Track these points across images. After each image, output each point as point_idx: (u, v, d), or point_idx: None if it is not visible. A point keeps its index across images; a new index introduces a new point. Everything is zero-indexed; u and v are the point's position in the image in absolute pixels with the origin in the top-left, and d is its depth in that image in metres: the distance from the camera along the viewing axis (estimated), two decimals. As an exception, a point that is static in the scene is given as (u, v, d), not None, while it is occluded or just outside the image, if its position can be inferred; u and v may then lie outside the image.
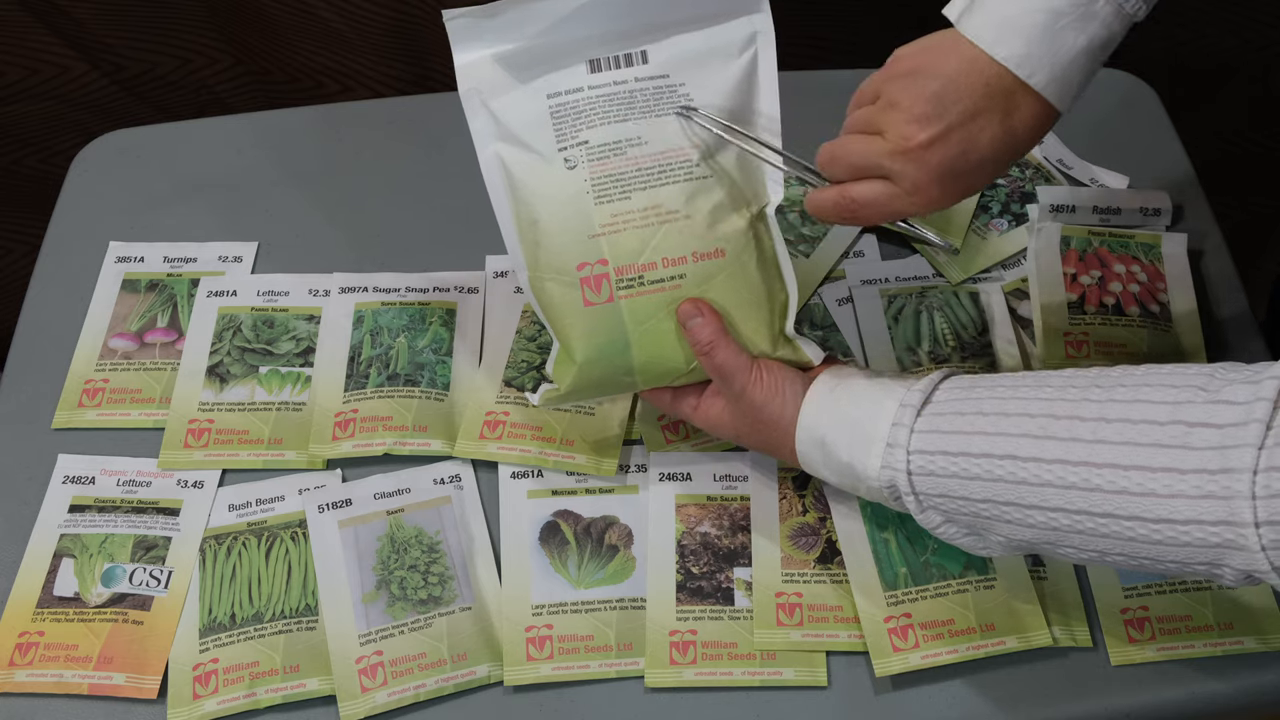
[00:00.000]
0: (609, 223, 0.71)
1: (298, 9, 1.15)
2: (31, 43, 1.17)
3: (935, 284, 0.89)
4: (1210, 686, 0.72)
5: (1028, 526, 0.60)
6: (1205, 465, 0.53)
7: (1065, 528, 0.59)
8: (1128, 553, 0.57)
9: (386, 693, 0.71)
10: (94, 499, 0.80)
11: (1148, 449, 0.55)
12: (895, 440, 0.64)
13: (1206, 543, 0.54)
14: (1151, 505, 0.55)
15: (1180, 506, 0.54)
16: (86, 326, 0.88)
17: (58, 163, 1.05)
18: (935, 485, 0.63)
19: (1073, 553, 0.60)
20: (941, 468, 0.62)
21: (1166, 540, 0.55)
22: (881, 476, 0.65)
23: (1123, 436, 0.56)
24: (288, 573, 0.77)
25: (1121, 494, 0.56)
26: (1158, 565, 0.57)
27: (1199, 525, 0.54)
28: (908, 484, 0.64)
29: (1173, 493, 0.54)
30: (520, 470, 0.80)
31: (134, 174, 0.98)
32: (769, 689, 0.72)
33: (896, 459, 0.64)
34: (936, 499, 0.64)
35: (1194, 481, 0.53)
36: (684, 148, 0.71)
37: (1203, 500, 0.53)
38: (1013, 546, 0.64)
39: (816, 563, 0.76)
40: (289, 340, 0.87)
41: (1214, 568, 0.55)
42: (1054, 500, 0.58)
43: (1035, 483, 0.59)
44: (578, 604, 0.75)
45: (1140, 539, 0.56)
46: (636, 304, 0.71)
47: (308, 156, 0.99)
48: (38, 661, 0.73)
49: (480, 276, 0.90)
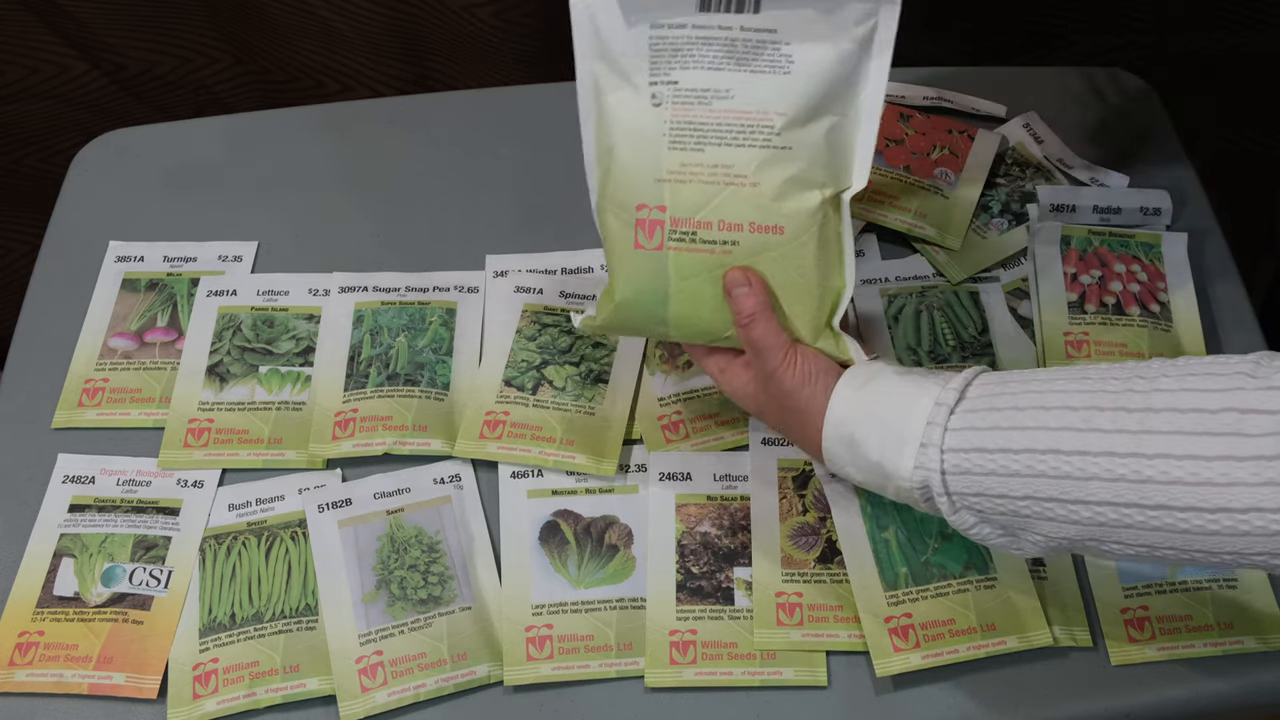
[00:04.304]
0: (676, 171, 0.69)
1: (297, 8, 1.15)
2: (31, 42, 1.17)
3: (935, 284, 0.89)
4: (1210, 686, 0.72)
5: (1071, 523, 0.59)
6: (1262, 451, 0.52)
7: (1112, 522, 0.57)
8: (1180, 546, 0.56)
9: (386, 693, 0.71)
10: (94, 499, 0.80)
11: (1200, 438, 0.54)
12: (929, 440, 0.62)
13: (1267, 530, 0.53)
14: (1208, 494, 0.54)
15: (1239, 494, 0.53)
16: (86, 326, 0.88)
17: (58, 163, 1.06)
18: (971, 484, 0.61)
19: (1118, 548, 0.59)
20: (978, 465, 0.61)
21: (1224, 530, 0.54)
22: (915, 477, 0.63)
23: (1172, 426, 0.55)
24: (288, 572, 0.77)
25: (1176, 484, 0.54)
26: (1212, 558, 0.56)
27: (1259, 513, 0.53)
28: (941, 485, 0.62)
29: (1230, 480, 0.53)
30: (520, 470, 0.80)
31: (134, 174, 0.98)
32: (769, 689, 0.72)
33: (930, 459, 0.62)
34: (972, 499, 0.62)
35: (1252, 468, 0.52)
36: (770, 113, 0.68)
37: (1262, 487, 0.52)
38: (1052, 546, 0.62)
39: (817, 562, 0.76)
40: (289, 340, 0.87)
41: (1274, 557, 0.54)
42: (1101, 494, 0.57)
43: (1080, 476, 0.57)
44: (578, 604, 0.75)
45: (1195, 530, 0.55)
46: (683, 259, 0.70)
47: (307, 156, 0.99)
48: (38, 661, 0.73)
49: (480, 276, 0.90)
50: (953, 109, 1.00)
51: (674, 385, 0.84)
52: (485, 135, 0.99)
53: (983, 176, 0.95)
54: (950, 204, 0.93)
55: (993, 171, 0.96)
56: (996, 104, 1.01)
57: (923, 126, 0.98)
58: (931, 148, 0.96)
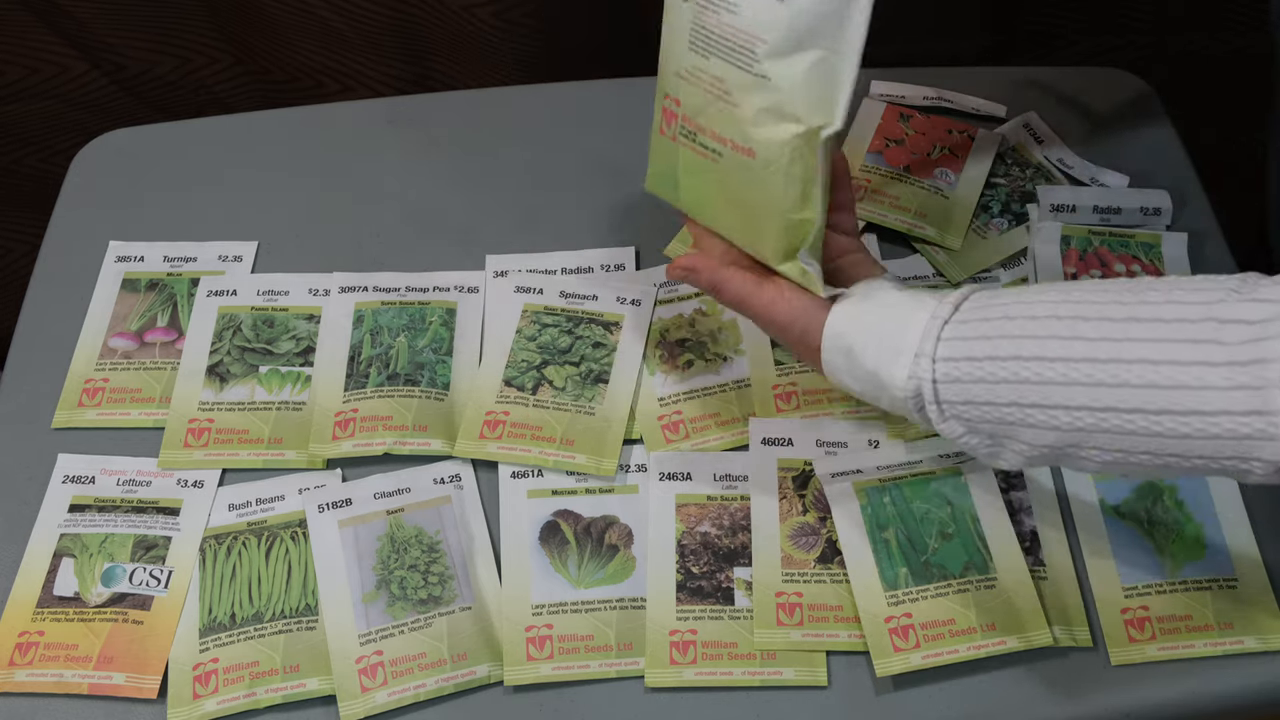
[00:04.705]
0: (689, 70, 0.70)
1: (298, 8, 1.15)
2: (31, 42, 1.17)
3: (936, 284, 0.89)
4: (1210, 686, 0.72)
5: (1051, 429, 0.60)
6: (1237, 358, 0.53)
7: (1090, 427, 0.59)
8: (1154, 450, 0.57)
9: (386, 693, 0.71)
10: (94, 499, 0.80)
11: (1179, 344, 0.55)
12: (923, 350, 0.64)
13: (1236, 434, 0.54)
14: (1181, 397, 0.55)
15: (1211, 398, 0.54)
16: (86, 326, 0.88)
17: (58, 162, 1.05)
18: (960, 393, 0.63)
19: (1096, 454, 0.60)
20: (967, 373, 0.62)
21: (1195, 433, 0.55)
22: (908, 387, 0.64)
23: (1154, 334, 0.56)
24: (288, 572, 0.77)
25: (1150, 388, 0.56)
26: (1184, 463, 0.57)
27: (1229, 416, 0.54)
28: (932, 393, 0.64)
29: (1203, 384, 0.54)
30: (520, 470, 0.80)
31: (134, 174, 0.98)
32: (769, 689, 0.72)
33: (923, 368, 0.64)
34: (961, 406, 0.63)
35: (1225, 373, 0.54)
36: (757, 38, 0.67)
37: (1234, 391, 0.53)
38: (1033, 456, 0.63)
39: (817, 562, 0.76)
40: (289, 340, 0.87)
41: (1242, 461, 0.55)
42: (1080, 399, 0.58)
43: (1062, 382, 0.59)
44: (578, 604, 0.75)
45: (1168, 433, 0.56)
46: (688, 156, 0.72)
47: (308, 156, 0.99)
48: (38, 661, 0.73)
49: (480, 276, 0.90)
50: (953, 109, 1.00)
51: (674, 385, 0.84)
52: (485, 135, 0.99)
53: (983, 177, 0.95)
54: (950, 204, 0.93)
55: (993, 171, 0.96)
56: (996, 104, 1.01)
57: (923, 126, 0.98)
58: (931, 148, 0.96)
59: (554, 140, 0.98)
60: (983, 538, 0.76)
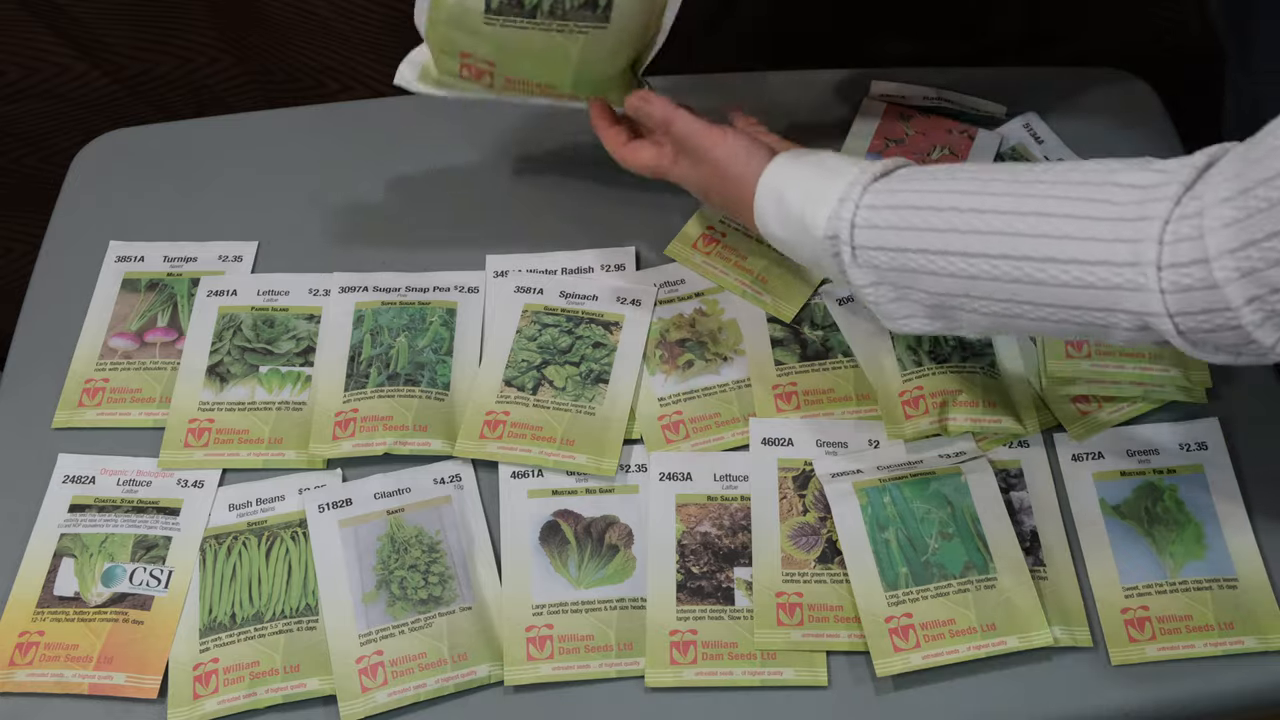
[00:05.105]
0: None
1: (298, 8, 1.15)
2: (31, 42, 1.17)
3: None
4: (1210, 686, 0.72)
5: (948, 276, 0.64)
6: (1124, 215, 0.57)
7: (983, 274, 0.62)
8: (1033, 299, 0.61)
9: (387, 692, 0.71)
10: (94, 499, 0.80)
11: (1075, 201, 0.60)
12: (848, 196, 0.68)
13: (1109, 283, 0.58)
14: (1066, 246, 0.59)
15: (1093, 248, 0.58)
16: (86, 326, 0.88)
17: (58, 163, 1.05)
18: (874, 238, 0.67)
19: (984, 304, 0.64)
20: (885, 220, 0.66)
21: (1074, 281, 0.59)
22: (828, 228, 0.68)
23: (1053, 193, 0.61)
24: (288, 572, 0.77)
25: (1041, 237, 0.60)
26: (1058, 314, 0.61)
27: (1106, 265, 0.58)
28: (849, 236, 0.67)
29: (1089, 235, 0.58)
30: (520, 470, 0.80)
31: (134, 174, 0.98)
32: (769, 689, 0.72)
33: (845, 211, 0.68)
34: (872, 252, 0.67)
35: (1110, 227, 0.58)
36: None
37: (1115, 243, 0.57)
38: (930, 305, 0.67)
39: (817, 562, 0.76)
40: (289, 340, 0.87)
41: (1110, 313, 0.59)
42: (977, 246, 0.62)
43: (964, 229, 0.63)
44: (578, 604, 0.75)
45: (1049, 281, 0.60)
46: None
47: (308, 156, 0.99)
48: (38, 661, 0.73)
49: (480, 276, 0.90)
50: (953, 109, 1.00)
51: (674, 385, 0.84)
52: (485, 135, 0.99)
53: (983, 176, 0.95)
54: (950, 204, 0.93)
55: (993, 171, 0.95)
56: (996, 104, 1.01)
57: (923, 126, 0.98)
58: (932, 148, 0.96)
59: (554, 140, 0.98)
60: (983, 538, 0.76)
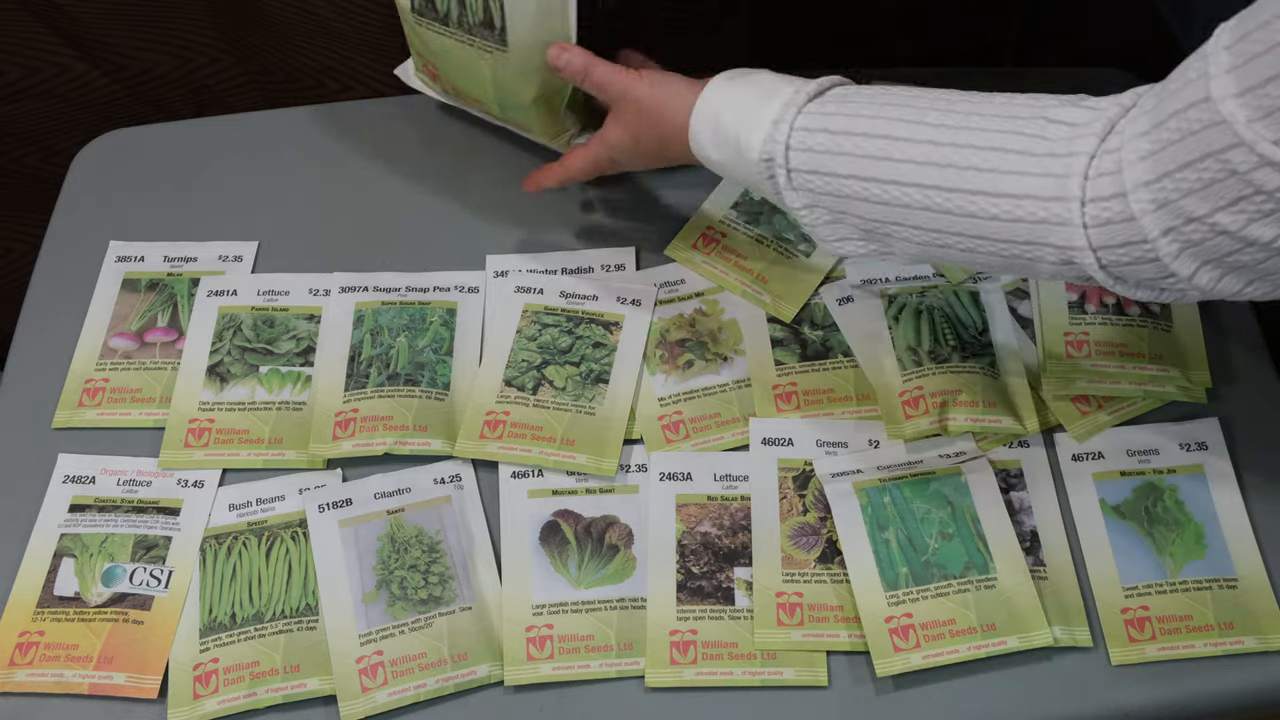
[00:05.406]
0: None
1: (298, 8, 1.15)
2: (31, 42, 1.17)
3: (935, 284, 0.89)
4: (1210, 686, 0.72)
5: (880, 204, 0.64)
6: (1055, 151, 0.58)
7: (915, 204, 0.63)
8: (962, 230, 0.62)
9: (387, 692, 0.71)
10: (94, 499, 0.80)
11: (1007, 135, 0.60)
12: (783, 118, 0.67)
13: (1035, 216, 0.59)
14: (997, 180, 0.60)
15: (1023, 182, 0.59)
16: (86, 326, 0.88)
17: (58, 163, 1.05)
18: (809, 161, 0.66)
19: (915, 233, 0.64)
20: (820, 144, 0.66)
21: (1002, 214, 0.60)
22: (764, 150, 0.68)
23: (987, 125, 0.62)
24: (288, 572, 0.77)
25: (972, 170, 0.61)
26: (985, 245, 0.62)
27: (1034, 199, 0.59)
28: (784, 158, 0.67)
29: (1019, 170, 0.59)
30: (520, 470, 0.80)
31: (134, 174, 0.98)
32: (769, 689, 0.72)
33: (780, 133, 0.67)
34: (807, 176, 0.67)
35: (1040, 162, 0.59)
36: None
37: (1044, 178, 0.58)
38: (864, 230, 0.67)
39: (817, 562, 0.76)
40: (289, 340, 0.87)
41: (1036, 248, 0.60)
42: (910, 175, 0.62)
43: (899, 158, 0.63)
44: (578, 604, 0.75)
45: (979, 213, 0.61)
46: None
47: (308, 156, 0.99)
48: (38, 661, 0.73)
49: (480, 276, 0.90)
50: (953, 109, 1.00)
51: (674, 385, 0.84)
52: (485, 135, 0.99)
53: (983, 176, 0.95)
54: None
55: (993, 171, 0.95)
56: (996, 104, 1.00)
57: (923, 127, 0.98)
58: (931, 148, 0.96)
59: (554, 140, 0.98)
60: (983, 538, 0.76)
